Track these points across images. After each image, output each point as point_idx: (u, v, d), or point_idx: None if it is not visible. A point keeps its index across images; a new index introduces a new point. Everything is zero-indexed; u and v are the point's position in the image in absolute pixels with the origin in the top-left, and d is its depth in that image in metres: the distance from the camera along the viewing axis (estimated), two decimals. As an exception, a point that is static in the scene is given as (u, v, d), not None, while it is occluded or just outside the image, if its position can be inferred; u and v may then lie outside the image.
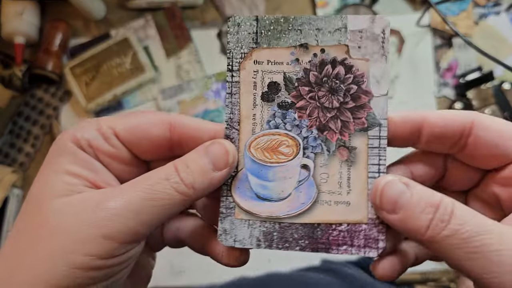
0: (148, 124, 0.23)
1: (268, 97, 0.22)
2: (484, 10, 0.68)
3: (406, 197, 0.19)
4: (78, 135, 0.22)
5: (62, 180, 0.20)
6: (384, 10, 0.69)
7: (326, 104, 0.21)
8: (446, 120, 0.21)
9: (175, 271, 0.64)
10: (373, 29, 0.21)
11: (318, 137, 0.21)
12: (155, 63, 0.69)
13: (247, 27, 0.22)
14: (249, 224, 0.22)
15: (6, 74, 0.67)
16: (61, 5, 0.71)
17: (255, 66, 0.22)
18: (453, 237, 0.18)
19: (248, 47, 0.22)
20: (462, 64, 0.67)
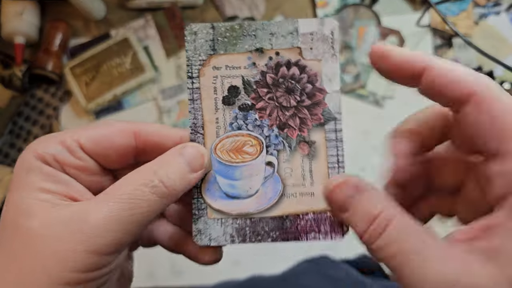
0: (112, 134, 0.23)
1: (228, 100, 0.23)
2: (484, 10, 0.69)
3: (353, 201, 0.20)
4: (42, 151, 0.21)
5: (36, 198, 0.20)
6: (384, 10, 0.69)
7: (284, 103, 0.23)
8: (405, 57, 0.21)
9: (175, 271, 0.64)
10: (323, 31, 0.23)
11: (279, 135, 0.23)
12: (155, 63, 0.69)
13: (203, 35, 0.23)
14: (222, 222, 0.23)
15: (6, 74, 0.67)
16: (61, 5, 0.71)
17: (214, 72, 0.23)
18: (382, 250, 0.18)
19: (206, 54, 0.23)
20: (462, 64, 0.67)
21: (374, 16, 0.69)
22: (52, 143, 0.22)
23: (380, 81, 0.68)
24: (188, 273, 0.64)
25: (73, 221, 0.19)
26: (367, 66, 0.68)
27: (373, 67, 0.21)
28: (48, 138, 0.22)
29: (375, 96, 0.67)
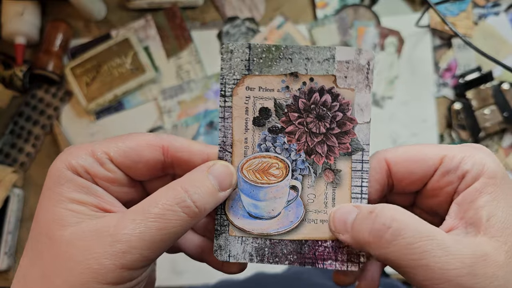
0: (141, 148, 0.23)
1: (259, 122, 0.23)
2: (484, 11, 0.69)
3: (353, 215, 0.21)
4: (74, 162, 0.22)
5: (69, 209, 0.21)
6: (383, 11, 0.70)
7: (313, 129, 0.23)
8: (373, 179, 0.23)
9: (175, 271, 0.64)
10: (359, 60, 0.23)
11: (305, 160, 0.23)
12: (155, 63, 0.70)
13: (240, 54, 0.23)
14: (242, 240, 0.23)
15: (7, 75, 0.67)
16: (62, 6, 0.71)
17: (247, 92, 0.23)
18: (395, 242, 0.19)
19: (241, 73, 0.23)
20: (461, 64, 0.67)
21: (373, 17, 0.69)
22: (83, 155, 0.22)
23: (379, 81, 0.68)
24: (188, 273, 0.64)
25: (104, 234, 0.20)
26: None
27: None
28: (78, 149, 0.23)
29: (374, 96, 0.68)
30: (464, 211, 0.21)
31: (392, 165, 0.23)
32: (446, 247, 0.19)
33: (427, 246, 0.19)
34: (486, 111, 0.64)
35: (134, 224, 0.20)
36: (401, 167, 0.23)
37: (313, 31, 0.69)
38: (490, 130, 0.64)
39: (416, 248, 0.19)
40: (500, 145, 0.66)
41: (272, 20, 0.70)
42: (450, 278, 0.18)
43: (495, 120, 0.64)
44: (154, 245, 0.20)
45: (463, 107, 0.65)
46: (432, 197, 0.23)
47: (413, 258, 0.19)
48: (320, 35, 0.69)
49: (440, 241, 0.19)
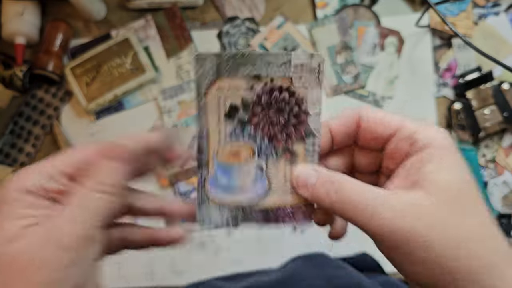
0: (88, 157, 0.26)
1: (229, 116, 0.28)
2: (484, 11, 0.69)
3: (312, 179, 0.27)
4: (25, 183, 0.24)
5: (15, 225, 0.23)
6: (383, 11, 0.70)
7: (274, 120, 0.28)
8: (342, 126, 0.28)
9: (175, 271, 0.64)
10: (311, 63, 0.28)
11: (269, 145, 0.29)
12: (155, 63, 0.70)
13: (210, 61, 0.27)
14: (220, 210, 0.29)
15: (7, 75, 0.67)
16: (62, 6, 0.71)
17: (218, 93, 0.28)
18: (343, 203, 0.25)
19: (212, 77, 0.28)
20: (461, 64, 0.67)
21: (373, 17, 0.69)
22: (33, 174, 0.25)
23: (379, 81, 0.68)
24: (188, 272, 0.64)
25: (43, 231, 0.23)
26: (367, 66, 0.68)
27: None
28: (28, 169, 0.25)
29: (374, 96, 0.68)
30: (409, 174, 0.25)
31: (362, 120, 0.28)
32: (385, 202, 0.24)
33: (369, 202, 0.24)
34: (486, 111, 0.64)
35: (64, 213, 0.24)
36: (367, 124, 0.28)
37: (313, 31, 0.69)
38: (490, 130, 0.64)
39: (360, 205, 0.24)
40: (500, 145, 0.66)
41: (272, 20, 0.70)
42: (385, 223, 0.23)
43: (495, 120, 0.64)
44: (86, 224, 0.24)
45: (463, 107, 0.65)
46: (390, 159, 0.27)
47: (360, 214, 0.24)
48: (320, 35, 0.69)
49: (381, 197, 0.24)
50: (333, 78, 0.43)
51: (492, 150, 0.66)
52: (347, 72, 0.53)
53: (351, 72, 0.55)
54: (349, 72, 0.52)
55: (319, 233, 0.64)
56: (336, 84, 0.55)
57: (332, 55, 0.62)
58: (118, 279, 0.64)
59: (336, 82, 0.55)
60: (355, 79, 0.62)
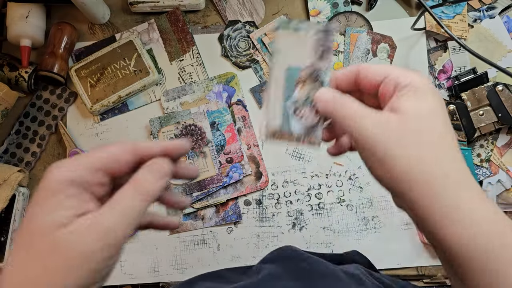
0: (118, 154, 0.29)
1: None
2: (479, 14, 0.70)
3: (327, 95, 0.32)
4: (68, 174, 0.27)
5: (61, 215, 0.26)
6: (379, 15, 0.71)
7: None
8: (345, 75, 0.33)
9: (177, 267, 0.66)
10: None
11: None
12: (158, 65, 0.71)
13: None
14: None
15: (13, 76, 0.68)
16: (67, 9, 0.72)
17: None
18: (342, 112, 0.30)
19: None
20: (456, 66, 0.69)
21: (366, 23, 0.71)
22: (73, 166, 0.27)
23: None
24: (191, 269, 0.66)
25: (92, 226, 0.26)
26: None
27: None
28: (69, 161, 0.28)
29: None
30: (391, 104, 0.30)
31: (360, 71, 0.32)
32: (367, 116, 0.29)
33: (357, 115, 0.30)
34: (481, 112, 0.65)
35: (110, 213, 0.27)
36: (363, 73, 0.32)
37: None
38: (485, 130, 0.66)
39: (353, 116, 0.30)
40: (494, 145, 0.67)
41: (274, 18, 0.71)
42: (363, 132, 0.29)
43: (490, 121, 0.65)
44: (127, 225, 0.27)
45: (458, 108, 0.66)
46: (382, 100, 0.32)
47: (352, 123, 0.29)
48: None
49: (367, 114, 0.29)
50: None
51: (487, 150, 0.67)
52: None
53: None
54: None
55: (318, 231, 0.66)
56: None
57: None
58: (122, 276, 0.65)
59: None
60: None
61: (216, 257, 0.66)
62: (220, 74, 0.71)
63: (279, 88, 0.35)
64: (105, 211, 0.27)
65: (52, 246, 0.25)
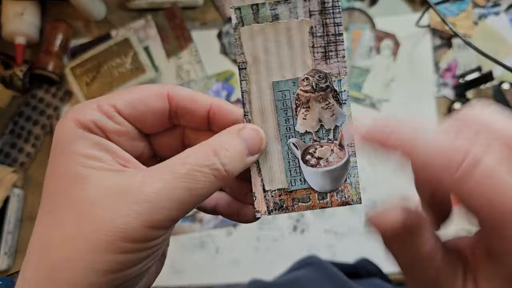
0: (147, 98, 0.23)
1: None
2: (484, 11, 0.69)
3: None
4: (82, 118, 0.21)
5: (86, 166, 0.20)
6: (383, 11, 0.70)
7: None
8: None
9: (175, 271, 0.64)
10: None
11: None
12: (155, 63, 0.70)
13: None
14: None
15: (7, 75, 0.67)
16: (62, 6, 0.71)
17: None
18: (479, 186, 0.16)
19: None
20: (461, 64, 0.67)
21: (369, 20, 0.69)
22: (90, 110, 0.21)
23: (375, 84, 0.68)
24: (188, 272, 0.64)
25: (129, 192, 0.19)
26: (363, 69, 0.68)
27: None
28: (85, 105, 0.22)
29: (371, 99, 0.68)
30: None
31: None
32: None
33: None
34: (486, 111, 0.64)
35: (162, 183, 0.20)
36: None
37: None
38: (490, 130, 0.64)
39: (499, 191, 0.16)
40: (500, 145, 0.66)
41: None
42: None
43: (495, 120, 0.64)
44: (181, 205, 0.20)
45: (463, 107, 0.65)
46: None
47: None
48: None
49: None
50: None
51: (492, 150, 0.66)
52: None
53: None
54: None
55: (319, 234, 0.64)
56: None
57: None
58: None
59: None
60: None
61: (214, 261, 0.65)
62: (219, 71, 0.69)
63: (268, 122, 0.23)
64: (152, 176, 0.20)
65: (74, 210, 0.19)
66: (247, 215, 0.26)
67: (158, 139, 0.25)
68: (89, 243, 0.19)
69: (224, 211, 0.26)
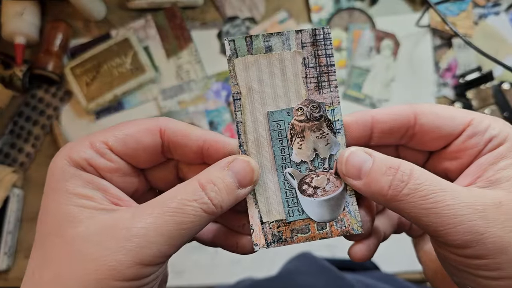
0: (139, 134, 0.23)
1: None
2: (484, 11, 0.69)
3: (368, 164, 0.21)
4: (75, 156, 0.21)
5: (78, 205, 0.20)
6: (383, 11, 0.69)
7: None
8: (392, 115, 0.23)
9: (175, 271, 0.64)
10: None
11: None
12: (155, 63, 0.69)
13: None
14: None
15: (7, 74, 0.67)
16: (62, 6, 0.71)
17: None
18: (412, 195, 0.20)
19: None
20: (461, 64, 0.67)
21: (369, 20, 0.69)
22: (82, 148, 0.22)
23: (375, 84, 0.68)
24: (188, 273, 0.64)
25: (119, 228, 0.19)
26: (363, 69, 0.68)
27: None
28: (77, 143, 0.22)
29: (371, 99, 0.68)
30: (483, 171, 0.21)
31: (419, 115, 0.23)
32: (458, 197, 0.19)
33: (439, 197, 0.19)
34: (487, 111, 0.64)
35: (152, 218, 0.20)
36: (429, 120, 0.23)
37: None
38: (490, 130, 0.64)
39: (430, 199, 0.20)
40: (500, 145, 0.66)
41: (275, 14, 0.70)
42: (461, 223, 0.19)
43: (496, 120, 0.64)
44: (171, 240, 0.20)
45: (463, 107, 0.65)
46: (451, 159, 0.23)
47: (426, 207, 0.19)
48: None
49: (453, 192, 0.20)
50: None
51: (493, 150, 0.66)
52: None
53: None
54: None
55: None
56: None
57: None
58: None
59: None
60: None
61: (214, 261, 0.64)
62: (219, 71, 0.69)
63: (264, 153, 0.23)
64: (141, 213, 0.20)
65: (65, 249, 0.19)
66: (245, 246, 0.26)
67: (152, 173, 0.25)
68: (79, 283, 0.19)
69: (221, 243, 0.26)
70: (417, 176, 0.20)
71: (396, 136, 0.24)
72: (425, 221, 0.20)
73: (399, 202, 0.20)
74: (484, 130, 0.22)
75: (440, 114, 0.22)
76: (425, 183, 0.20)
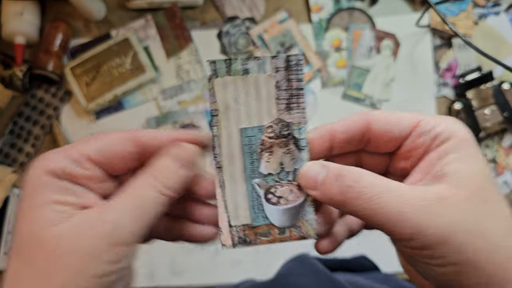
0: (114, 143, 0.25)
1: None
2: (484, 11, 0.69)
3: (322, 175, 0.24)
4: (51, 166, 0.23)
5: (52, 210, 0.22)
6: (383, 11, 0.69)
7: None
8: (347, 126, 0.25)
9: (175, 271, 0.64)
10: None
11: None
12: (155, 63, 0.69)
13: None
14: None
15: (7, 74, 0.67)
16: (62, 5, 0.71)
17: None
18: (359, 198, 0.22)
19: None
20: (461, 64, 0.67)
21: (369, 20, 0.69)
22: (59, 157, 0.23)
23: (376, 84, 0.68)
24: (188, 273, 0.64)
25: (92, 221, 0.22)
26: (363, 69, 0.68)
27: None
28: (54, 152, 0.24)
29: (371, 99, 0.68)
30: (432, 166, 0.23)
31: (371, 122, 0.25)
32: (402, 195, 0.21)
33: (384, 197, 0.21)
34: (487, 111, 0.64)
35: (116, 207, 0.23)
36: (380, 125, 0.25)
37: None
38: (490, 130, 0.64)
39: (375, 199, 0.22)
40: (500, 145, 0.66)
41: (276, 13, 0.70)
42: (407, 220, 0.21)
43: (495, 120, 0.64)
44: (138, 221, 0.23)
45: (463, 107, 0.65)
46: (405, 159, 0.25)
47: (373, 208, 0.22)
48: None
49: (397, 191, 0.22)
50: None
51: (493, 150, 0.66)
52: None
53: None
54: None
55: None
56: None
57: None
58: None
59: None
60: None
61: (214, 261, 0.64)
62: (219, 72, 0.69)
63: (235, 164, 0.26)
64: (110, 205, 0.23)
65: (43, 249, 0.21)
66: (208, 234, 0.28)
67: (128, 178, 0.27)
68: (60, 276, 0.21)
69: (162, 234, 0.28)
70: (364, 180, 0.22)
71: (354, 144, 0.26)
72: (375, 220, 0.22)
73: (350, 206, 0.22)
74: (430, 129, 0.24)
75: (389, 119, 0.25)
76: (371, 186, 0.22)
